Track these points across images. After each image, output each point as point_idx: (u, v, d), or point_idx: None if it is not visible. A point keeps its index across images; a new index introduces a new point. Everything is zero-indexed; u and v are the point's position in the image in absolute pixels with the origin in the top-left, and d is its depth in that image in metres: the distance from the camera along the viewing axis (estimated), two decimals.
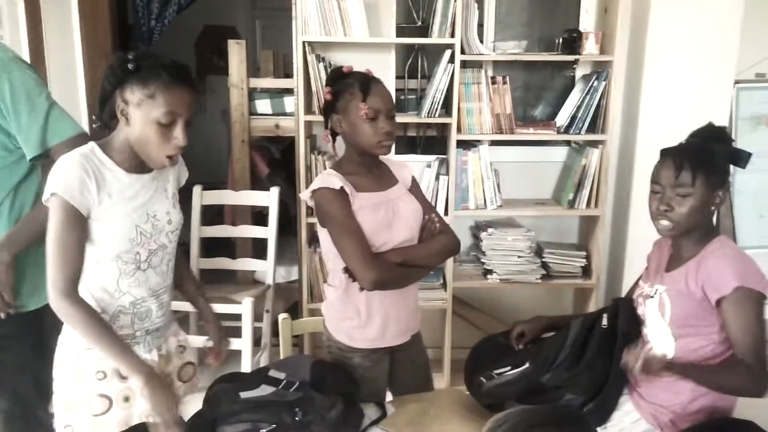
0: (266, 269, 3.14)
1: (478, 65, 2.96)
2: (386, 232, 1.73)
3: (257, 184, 3.64)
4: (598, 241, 3.01)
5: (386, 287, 1.74)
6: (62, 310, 1.42)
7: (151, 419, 1.51)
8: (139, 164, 1.52)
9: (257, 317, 2.96)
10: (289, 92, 3.27)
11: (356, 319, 1.80)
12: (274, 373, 1.68)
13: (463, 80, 2.83)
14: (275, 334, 2.25)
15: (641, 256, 1.85)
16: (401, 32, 2.91)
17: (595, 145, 2.93)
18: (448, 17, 2.75)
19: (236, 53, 3.33)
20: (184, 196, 1.71)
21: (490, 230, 3.01)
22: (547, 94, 3.32)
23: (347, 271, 1.73)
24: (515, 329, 1.91)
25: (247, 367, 2.86)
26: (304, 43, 2.78)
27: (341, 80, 1.75)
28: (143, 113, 1.42)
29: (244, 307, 2.84)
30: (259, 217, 3.45)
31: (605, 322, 1.71)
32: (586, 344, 1.70)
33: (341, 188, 1.70)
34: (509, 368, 1.74)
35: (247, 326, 2.85)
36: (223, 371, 1.87)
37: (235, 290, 3.10)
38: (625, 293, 1.89)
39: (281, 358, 1.97)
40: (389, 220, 1.75)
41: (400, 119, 1.83)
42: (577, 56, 2.89)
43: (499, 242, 3.02)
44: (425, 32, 2.86)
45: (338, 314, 1.84)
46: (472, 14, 2.83)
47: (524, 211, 3.08)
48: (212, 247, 3.30)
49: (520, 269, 3.01)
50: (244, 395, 1.57)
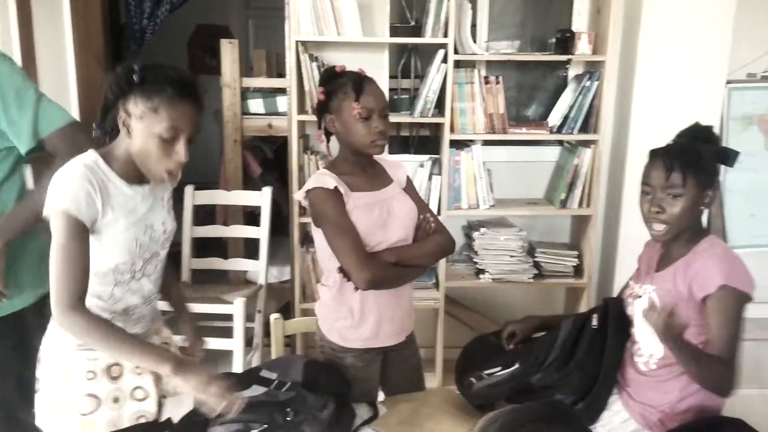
0: (258, 269, 3.13)
1: (471, 65, 2.97)
2: (381, 231, 1.73)
3: (249, 183, 3.63)
4: (589, 240, 3.02)
5: (381, 287, 1.74)
6: (69, 324, 1.38)
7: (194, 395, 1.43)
8: (139, 175, 1.49)
9: (249, 317, 2.95)
10: (281, 92, 3.26)
11: (350, 319, 1.79)
12: (265, 373, 1.68)
13: (456, 80, 2.83)
14: (267, 334, 2.25)
15: (632, 255, 1.85)
16: (394, 32, 2.90)
17: (587, 144, 2.94)
18: (441, 17, 2.75)
19: (229, 53, 3.33)
20: (175, 195, 1.70)
21: (482, 230, 3.02)
22: (539, 94, 3.33)
23: (342, 270, 1.73)
24: (506, 329, 1.91)
25: (238, 367, 2.85)
26: (297, 42, 2.78)
27: (334, 80, 1.75)
28: (145, 126, 1.39)
29: (235, 307, 2.83)
30: (251, 217, 3.45)
31: (595, 322, 1.72)
32: (576, 344, 1.70)
33: (335, 188, 1.70)
34: (499, 369, 1.74)
35: (238, 326, 2.84)
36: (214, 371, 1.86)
37: (226, 290, 3.09)
38: (616, 292, 1.89)
39: (273, 358, 1.96)
40: (384, 219, 1.75)
41: (393, 119, 1.84)
42: (569, 56, 2.90)
43: (491, 242, 3.02)
44: (418, 32, 2.87)
45: (332, 314, 1.84)
46: (465, 14, 2.83)
47: (516, 210, 3.09)
48: (204, 247, 3.29)
49: (512, 269, 3.02)
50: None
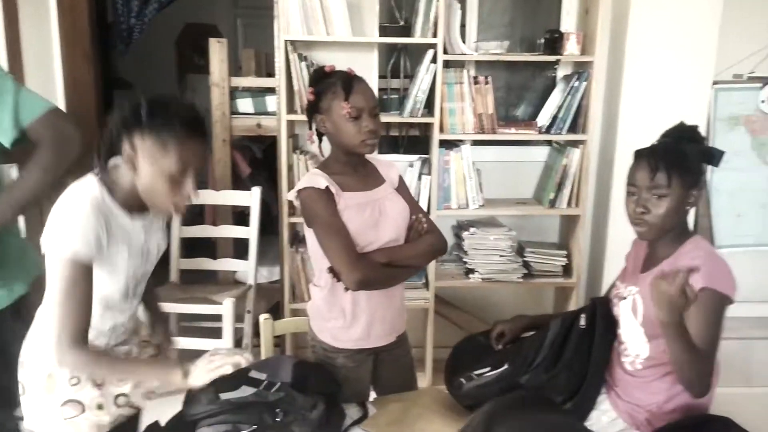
0: (247, 269, 3.12)
1: (460, 65, 2.97)
2: (372, 231, 1.73)
3: (239, 183, 3.62)
4: (578, 240, 3.04)
5: (371, 287, 1.74)
6: (73, 361, 1.37)
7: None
8: (140, 205, 1.47)
9: (238, 318, 2.94)
10: (271, 91, 3.25)
11: (341, 319, 1.79)
12: (255, 374, 1.67)
13: (445, 80, 2.83)
14: (256, 334, 2.24)
15: (621, 254, 1.86)
16: (384, 32, 2.90)
17: (575, 145, 2.96)
18: (430, 17, 2.76)
19: (217, 52, 3.31)
20: None
21: (472, 230, 3.03)
22: (528, 94, 3.34)
23: (332, 271, 1.73)
24: (495, 329, 1.91)
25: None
26: (286, 42, 2.77)
27: (323, 80, 1.74)
28: (153, 164, 1.35)
29: (224, 307, 2.82)
30: (240, 217, 3.43)
31: (583, 322, 1.73)
32: (564, 344, 1.71)
33: (326, 188, 1.69)
34: (489, 369, 1.75)
35: (228, 327, 2.83)
36: None
37: (216, 291, 3.08)
38: (605, 292, 1.90)
39: (262, 358, 1.95)
40: (375, 219, 1.75)
41: (382, 119, 1.83)
42: (558, 57, 2.91)
43: (481, 242, 3.03)
44: (408, 32, 2.87)
45: (323, 314, 1.83)
46: (454, 14, 2.83)
47: (506, 210, 3.10)
48: (193, 247, 3.28)
49: (501, 268, 3.02)
50: (224, 396, 1.56)
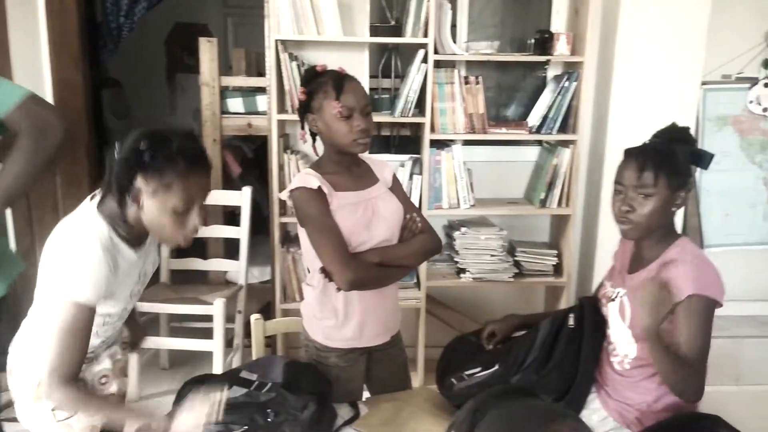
0: (238, 269, 3.11)
1: (451, 65, 2.98)
2: (365, 231, 1.73)
3: (229, 183, 3.60)
4: (569, 239, 3.05)
5: (363, 287, 1.74)
6: (62, 398, 1.36)
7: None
8: (143, 236, 1.48)
9: (229, 318, 2.93)
10: (261, 91, 3.24)
11: (333, 319, 1.79)
12: (246, 374, 1.67)
13: (436, 80, 2.84)
14: (248, 335, 2.23)
15: (611, 254, 1.87)
16: (375, 32, 2.90)
17: (566, 144, 2.97)
18: (421, 17, 2.76)
19: (207, 51, 3.29)
20: None
21: (463, 229, 3.03)
22: (519, 94, 3.35)
23: (324, 271, 1.72)
24: (486, 329, 1.91)
25: (218, 368, 2.83)
26: (276, 41, 2.76)
27: (315, 79, 1.74)
28: (158, 202, 1.34)
29: (215, 308, 2.80)
30: (231, 217, 3.42)
31: (572, 322, 1.73)
32: (554, 344, 1.71)
33: (318, 188, 1.69)
34: (479, 369, 1.75)
35: (218, 327, 2.81)
36: (194, 373, 1.85)
37: (206, 291, 3.07)
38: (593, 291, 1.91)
39: (254, 359, 1.95)
40: (368, 219, 1.74)
41: (373, 119, 1.83)
42: (548, 57, 2.92)
43: (472, 241, 3.03)
44: (398, 32, 2.87)
45: (316, 314, 1.83)
46: (445, 14, 2.84)
47: (497, 210, 3.10)
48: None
49: (492, 268, 3.03)
50: None
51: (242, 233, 3.08)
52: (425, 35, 2.77)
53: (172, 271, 3.14)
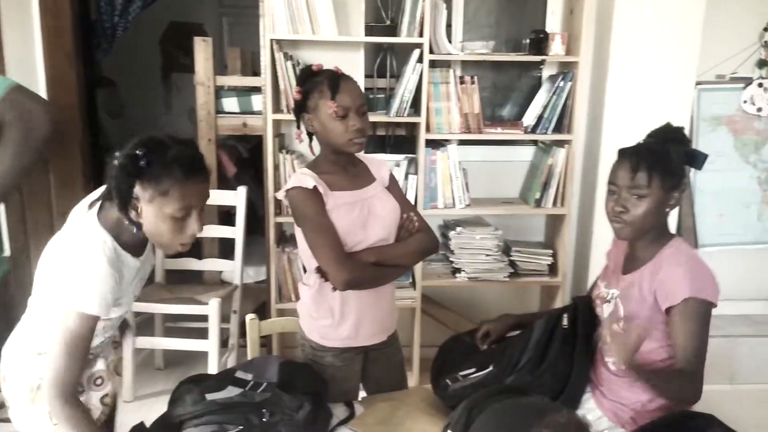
0: (233, 269, 3.11)
1: (446, 65, 2.98)
2: (361, 231, 1.72)
3: (224, 183, 3.60)
4: (564, 239, 3.05)
5: (359, 287, 1.73)
6: (65, 416, 1.36)
7: None
8: (144, 243, 1.49)
9: (224, 318, 2.93)
10: (256, 90, 3.24)
11: (329, 318, 1.79)
12: (241, 374, 1.66)
13: (431, 80, 2.84)
14: (243, 335, 2.23)
15: (605, 254, 1.88)
16: (370, 31, 2.90)
17: (561, 144, 2.97)
18: (416, 17, 2.76)
19: (202, 50, 3.29)
20: None
21: (458, 229, 3.03)
22: (514, 94, 3.35)
23: (320, 271, 1.72)
24: (481, 329, 1.91)
25: (213, 368, 2.83)
26: (271, 41, 2.76)
27: (310, 79, 1.74)
28: (156, 209, 1.35)
29: (210, 307, 2.80)
30: (226, 216, 3.42)
31: (565, 322, 1.73)
32: (549, 344, 1.71)
33: (314, 187, 1.69)
34: (474, 370, 1.75)
35: (213, 327, 2.81)
36: (189, 373, 1.85)
37: (201, 291, 3.06)
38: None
39: (249, 359, 1.95)
40: (364, 218, 1.74)
41: (369, 118, 1.83)
42: (543, 57, 2.93)
43: (467, 241, 3.03)
44: (394, 31, 2.87)
45: (312, 314, 1.83)
46: (440, 14, 2.84)
47: (492, 210, 3.11)
48: None
49: (488, 267, 3.03)
50: (210, 397, 1.55)
51: (237, 233, 3.07)
52: (420, 35, 2.76)
53: (167, 271, 3.14)
